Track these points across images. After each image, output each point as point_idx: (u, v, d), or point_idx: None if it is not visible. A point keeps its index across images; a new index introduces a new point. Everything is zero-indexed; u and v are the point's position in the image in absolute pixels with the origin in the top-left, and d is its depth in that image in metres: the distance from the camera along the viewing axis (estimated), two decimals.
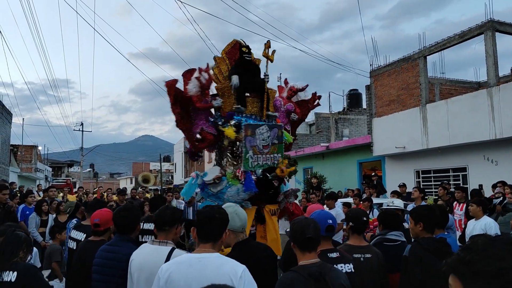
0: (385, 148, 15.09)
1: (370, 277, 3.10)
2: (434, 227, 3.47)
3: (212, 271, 2.24)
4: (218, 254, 2.37)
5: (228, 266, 2.28)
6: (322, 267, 2.45)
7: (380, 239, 4.05)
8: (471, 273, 1.08)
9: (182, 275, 2.27)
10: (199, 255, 2.34)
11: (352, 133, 24.54)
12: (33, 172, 31.38)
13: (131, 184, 51.65)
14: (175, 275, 2.28)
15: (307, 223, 2.57)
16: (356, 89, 28.92)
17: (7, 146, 22.71)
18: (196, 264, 2.28)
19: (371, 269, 3.17)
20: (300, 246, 2.54)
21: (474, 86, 16.55)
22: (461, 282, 1.12)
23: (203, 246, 2.41)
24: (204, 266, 2.27)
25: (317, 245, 2.56)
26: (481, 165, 12.10)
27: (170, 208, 3.22)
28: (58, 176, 51.83)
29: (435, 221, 3.47)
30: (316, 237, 2.53)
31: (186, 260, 2.34)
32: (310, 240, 2.50)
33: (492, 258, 1.05)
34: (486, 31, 11.54)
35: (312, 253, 2.53)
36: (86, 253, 3.50)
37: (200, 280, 2.20)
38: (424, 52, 13.70)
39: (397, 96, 14.67)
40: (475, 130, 11.63)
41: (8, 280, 3.01)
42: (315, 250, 2.55)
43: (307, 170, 21.02)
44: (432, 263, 3.17)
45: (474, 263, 1.08)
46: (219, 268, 2.27)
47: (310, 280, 2.30)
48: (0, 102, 20.19)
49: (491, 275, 1.04)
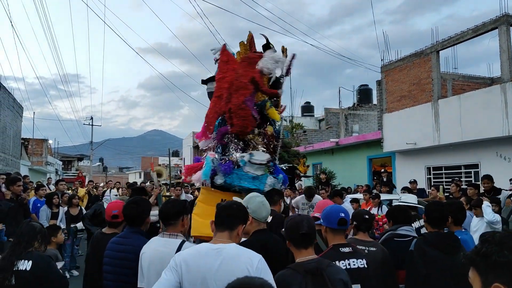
0: (396, 144, 14.96)
1: (374, 270, 3.06)
2: (440, 222, 3.42)
3: (229, 262, 2.24)
4: (235, 245, 2.36)
5: (245, 256, 2.28)
6: (320, 263, 2.42)
7: (390, 234, 4.00)
8: (487, 264, 1.15)
9: (200, 264, 2.26)
10: (216, 246, 2.33)
11: (362, 129, 24.40)
12: (43, 166, 31.70)
13: (140, 178, 52.01)
14: (192, 264, 2.27)
15: (301, 219, 2.55)
16: (366, 85, 28.72)
17: (18, 139, 22.94)
18: (213, 255, 2.28)
19: (374, 262, 3.14)
20: (295, 243, 2.52)
21: (487, 82, 16.31)
22: (478, 273, 1.19)
23: (220, 236, 2.41)
24: (221, 257, 2.26)
25: (312, 241, 2.52)
26: (494, 161, 11.93)
27: (171, 201, 3.21)
28: (68, 169, 52.38)
29: (440, 215, 3.42)
30: (310, 233, 2.50)
31: (204, 250, 2.32)
32: (304, 236, 2.47)
33: (507, 250, 1.12)
34: (501, 26, 11.33)
35: (308, 250, 2.50)
36: (98, 245, 3.52)
37: (218, 270, 2.22)
38: (437, 47, 13.52)
39: (408, 92, 14.51)
40: (488, 126, 11.47)
41: (24, 269, 3.14)
42: (311, 246, 2.51)
43: (316, 166, 20.95)
44: (437, 257, 3.14)
45: (490, 255, 1.14)
46: (236, 258, 2.26)
47: (307, 276, 2.28)
48: (12, 96, 20.37)
49: (505, 266, 1.11)
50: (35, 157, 31.00)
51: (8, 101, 19.36)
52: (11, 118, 20.34)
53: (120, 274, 3.10)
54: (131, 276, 2.96)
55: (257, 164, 4.67)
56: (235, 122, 4.84)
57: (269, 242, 3.02)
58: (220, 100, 4.90)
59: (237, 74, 4.86)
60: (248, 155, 4.69)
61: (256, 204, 3.12)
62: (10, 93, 19.95)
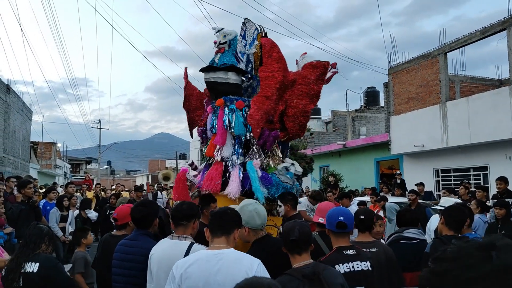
0: (403, 146, 14.88)
1: (377, 271, 3.05)
2: (458, 225, 3.40)
3: (229, 266, 2.28)
4: (233, 250, 2.41)
5: (244, 260, 2.34)
6: (316, 267, 2.43)
7: (396, 237, 3.99)
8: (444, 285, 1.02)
9: (200, 270, 2.30)
10: (215, 251, 2.38)
11: (369, 131, 24.32)
12: (52, 169, 31.99)
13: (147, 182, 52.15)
14: (192, 271, 2.31)
15: (293, 226, 2.57)
16: (373, 87, 28.63)
17: (27, 142, 23.17)
18: (213, 260, 2.32)
19: (378, 263, 3.12)
20: (288, 249, 2.55)
21: (495, 84, 16.19)
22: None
23: (217, 242, 2.45)
24: (221, 262, 2.30)
25: (305, 247, 2.52)
26: (503, 164, 11.82)
27: (187, 203, 3.22)
28: (76, 173, 52.69)
29: (459, 219, 3.40)
30: (302, 240, 2.49)
31: (203, 257, 2.37)
32: (294, 242, 2.48)
33: (463, 267, 0.98)
34: (509, 27, 11.25)
35: (303, 255, 2.51)
36: (107, 247, 3.56)
37: (218, 275, 2.26)
38: (445, 48, 13.45)
39: (416, 94, 14.44)
40: (497, 128, 11.37)
41: (31, 271, 3.16)
42: (305, 252, 2.52)
43: (323, 169, 20.89)
44: None
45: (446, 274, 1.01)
46: (235, 262, 2.31)
47: (304, 281, 2.29)
48: (21, 99, 20.59)
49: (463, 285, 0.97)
50: (44, 160, 31.29)
51: (17, 105, 19.58)
52: (21, 122, 20.55)
53: (129, 276, 3.12)
54: (140, 278, 2.98)
55: (297, 175, 4.61)
56: (292, 128, 4.62)
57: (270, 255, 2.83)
58: (270, 101, 4.45)
59: (308, 79, 4.62)
60: (293, 166, 4.53)
61: (248, 214, 2.98)
62: (19, 97, 20.17)
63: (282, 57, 4.57)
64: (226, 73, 4.61)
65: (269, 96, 4.41)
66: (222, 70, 4.62)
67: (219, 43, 4.73)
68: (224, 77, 4.61)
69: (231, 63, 4.66)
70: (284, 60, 4.57)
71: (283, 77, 4.50)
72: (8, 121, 17.67)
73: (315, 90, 4.64)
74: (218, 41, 4.74)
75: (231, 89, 4.63)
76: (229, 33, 4.74)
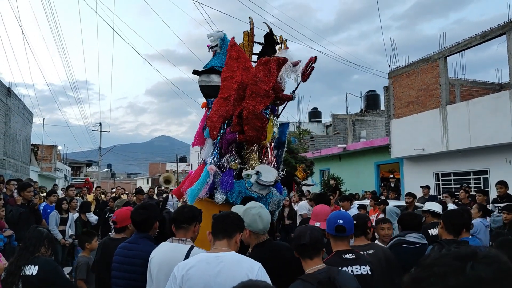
0: (404, 150, 14.88)
1: (378, 271, 3.03)
2: (460, 229, 3.39)
3: (230, 269, 2.29)
4: (234, 252, 2.42)
5: (245, 263, 2.35)
6: (330, 272, 2.42)
7: (397, 240, 3.97)
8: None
9: (201, 272, 2.31)
10: (216, 254, 2.39)
11: (370, 134, 24.34)
12: (52, 172, 31.94)
13: (148, 184, 52.14)
14: (193, 273, 2.31)
15: (304, 230, 2.57)
16: (373, 90, 28.67)
17: (28, 145, 23.16)
18: (213, 262, 2.33)
19: (378, 263, 3.12)
20: (299, 253, 2.54)
21: (495, 88, 16.21)
22: None
23: (219, 244, 2.46)
24: (221, 264, 2.31)
25: (316, 252, 2.51)
26: (503, 168, 11.81)
27: (188, 206, 3.23)
28: (77, 175, 52.64)
29: (458, 223, 3.40)
30: (312, 244, 2.48)
31: (204, 259, 2.38)
32: (305, 247, 2.48)
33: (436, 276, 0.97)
34: (509, 31, 11.28)
35: (315, 260, 2.49)
36: (106, 250, 3.55)
37: (218, 277, 2.27)
38: (445, 52, 13.48)
39: (416, 97, 14.46)
40: (497, 132, 11.38)
41: (30, 274, 3.16)
42: (317, 256, 2.51)
43: (324, 172, 20.89)
44: None
45: (421, 281, 1.00)
46: (236, 265, 2.32)
47: (320, 287, 2.27)
48: (22, 102, 20.61)
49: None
50: (44, 163, 31.26)
51: (18, 108, 19.60)
52: (21, 124, 20.56)
53: (129, 280, 3.12)
54: (140, 281, 2.98)
55: (264, 186, 4.23)
56: (247, 131, 4.41)
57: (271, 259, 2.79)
58: (227, 102, 4.37)
59: (256, 78, 4.37)
60: (255, 176, 4.20)
61: (251, 218, 2.97)
62: (20, 99, 20.19)
63: (243, 55, 4.51)
64: (209, 76, 4.62)
65: (226, 97, 4.36)
66: (205, 73, 4.66)
67: (211, 46, 4.82)
68: (206, 79, 4.64)
69: (219, 65, 4.65)
70: (244, 59, 4.47)
71: (242, 76, 4.40)
72: (9, 123, 17.68)
73: (263, 89, 4.33)
74: (210, 45, 4.83)
75: (214, 91, 4.58)
76: (212, 35, 4.79)
